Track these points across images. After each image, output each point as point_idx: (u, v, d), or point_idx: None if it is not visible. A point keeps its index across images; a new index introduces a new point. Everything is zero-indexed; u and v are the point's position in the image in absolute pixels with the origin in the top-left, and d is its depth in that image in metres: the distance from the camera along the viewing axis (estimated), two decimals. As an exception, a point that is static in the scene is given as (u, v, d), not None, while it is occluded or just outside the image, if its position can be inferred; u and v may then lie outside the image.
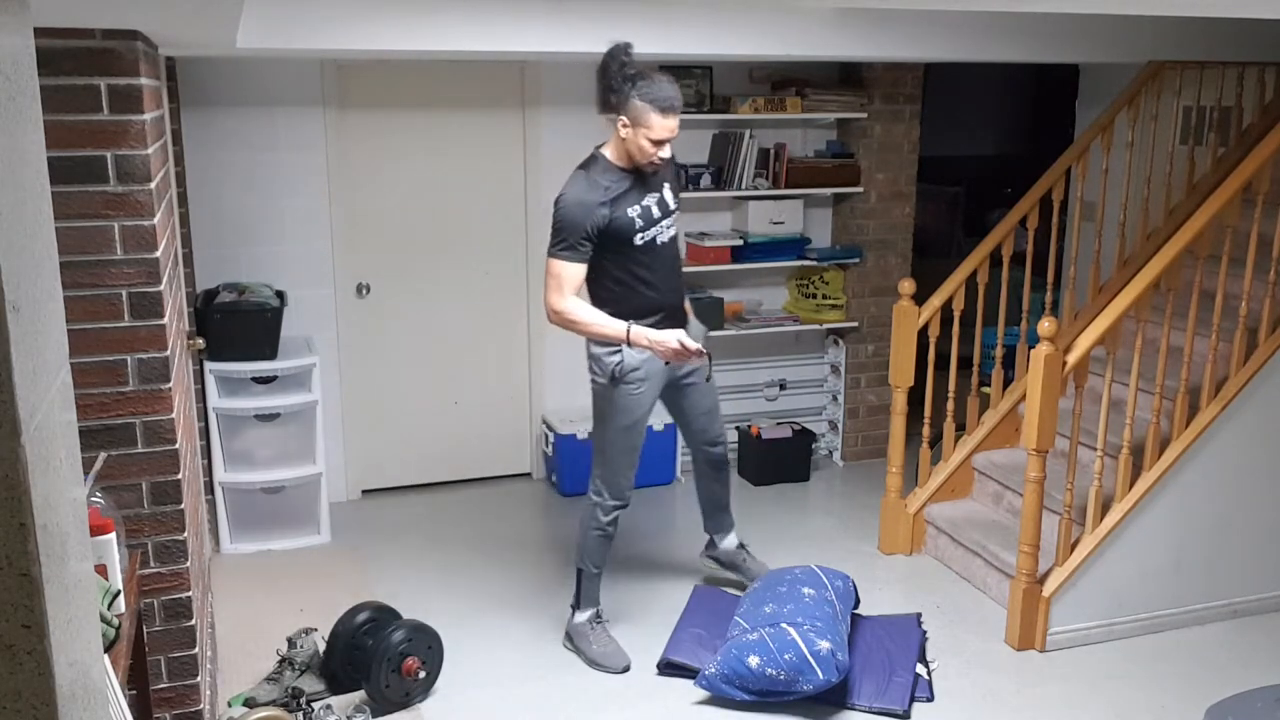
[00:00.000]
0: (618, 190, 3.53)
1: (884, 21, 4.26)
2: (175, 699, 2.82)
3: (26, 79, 0.91)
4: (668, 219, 3.67)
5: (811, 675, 3.39)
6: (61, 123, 2.38)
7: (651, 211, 3.61)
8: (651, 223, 3.61)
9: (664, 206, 3.66)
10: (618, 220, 3.52)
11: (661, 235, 3.66)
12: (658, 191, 3.65)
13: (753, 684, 3.44)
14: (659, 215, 3.63)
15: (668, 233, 3.69)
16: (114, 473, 2.60)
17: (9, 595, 0.77)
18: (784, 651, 3.42)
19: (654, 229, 3.63)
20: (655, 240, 3.64)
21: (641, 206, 3.58)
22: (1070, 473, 3.86)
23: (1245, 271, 3.95)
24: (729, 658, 3.49)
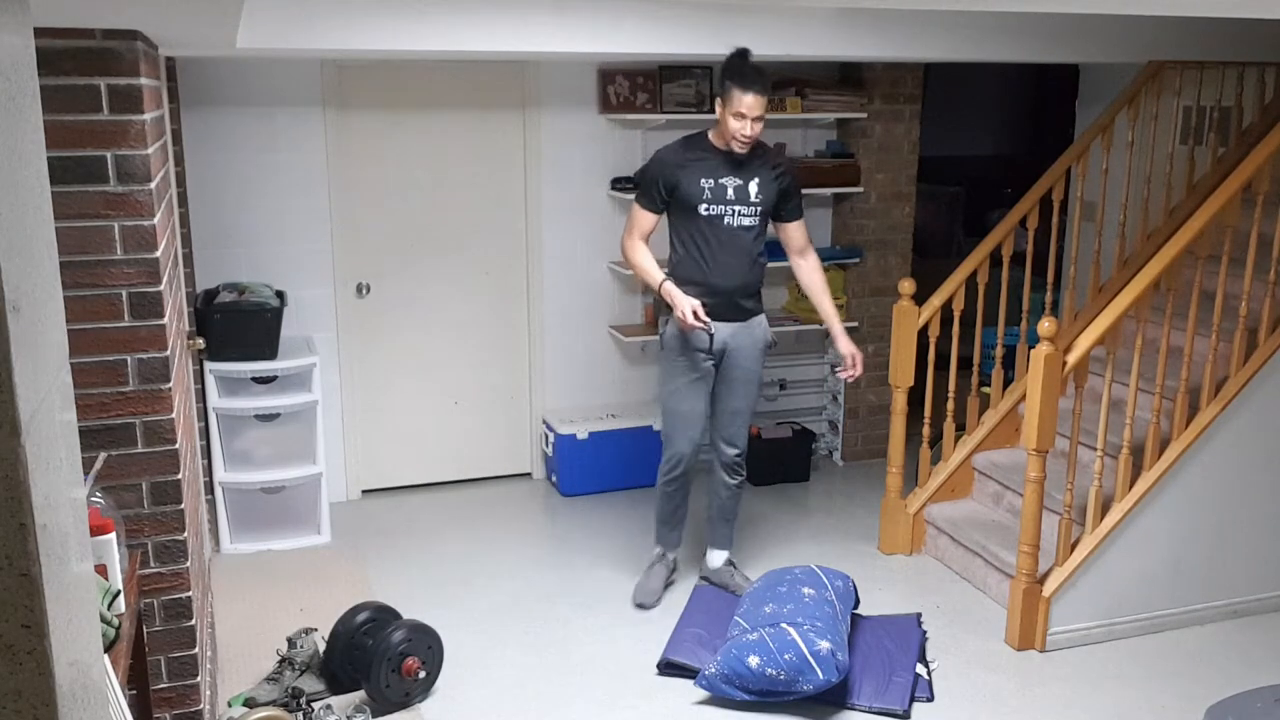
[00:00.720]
0: (699, 161, 3.86)
1: (884, 21, 4.25)
2: (175, 699, 2.82)
3: (26, 79, 0.91)
4: (744, 206, 3.87)
5: (811, 675, 3.39)
6: (61, 123, 2.38)
7: (725, 191, 3.85)
8: (721, 200, 3.85)
9: (742, 193, 3.87)
10: (686, 185, 3.85)
11: (731, 218, 3.87)
12: (743, 179, 3.87)
13: (752, 684, 3.44)
14: (733, 198, 3.86)
15: (740, 219, 3.88)
16: (114, 473, 2.60)
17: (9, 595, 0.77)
18: (784, 651, 3.41)
19: (722, 207, 3.86)
20: (723, 219, 3.87)
21: (716, 182, 3.85)
22: (1070, 473, 3.86)
23: (1245, 271, 3.95)
24: (729, 658, 3.49)
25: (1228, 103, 4.87)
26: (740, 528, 4.69)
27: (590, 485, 5.34)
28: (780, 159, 4.06)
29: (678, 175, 3.85)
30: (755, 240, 3.94)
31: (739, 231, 3.88)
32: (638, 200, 3.96)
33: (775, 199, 3.94)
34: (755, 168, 3.89)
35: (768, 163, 3.93)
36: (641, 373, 5.65)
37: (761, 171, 3.90)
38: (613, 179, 5.33)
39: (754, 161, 3.89)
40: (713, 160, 3.87)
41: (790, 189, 3.99)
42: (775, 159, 4.01)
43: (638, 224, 3.94)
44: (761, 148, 3.95)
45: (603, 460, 5.30)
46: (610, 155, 5.35)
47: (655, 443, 5.38)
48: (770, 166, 3.93)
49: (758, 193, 3.88)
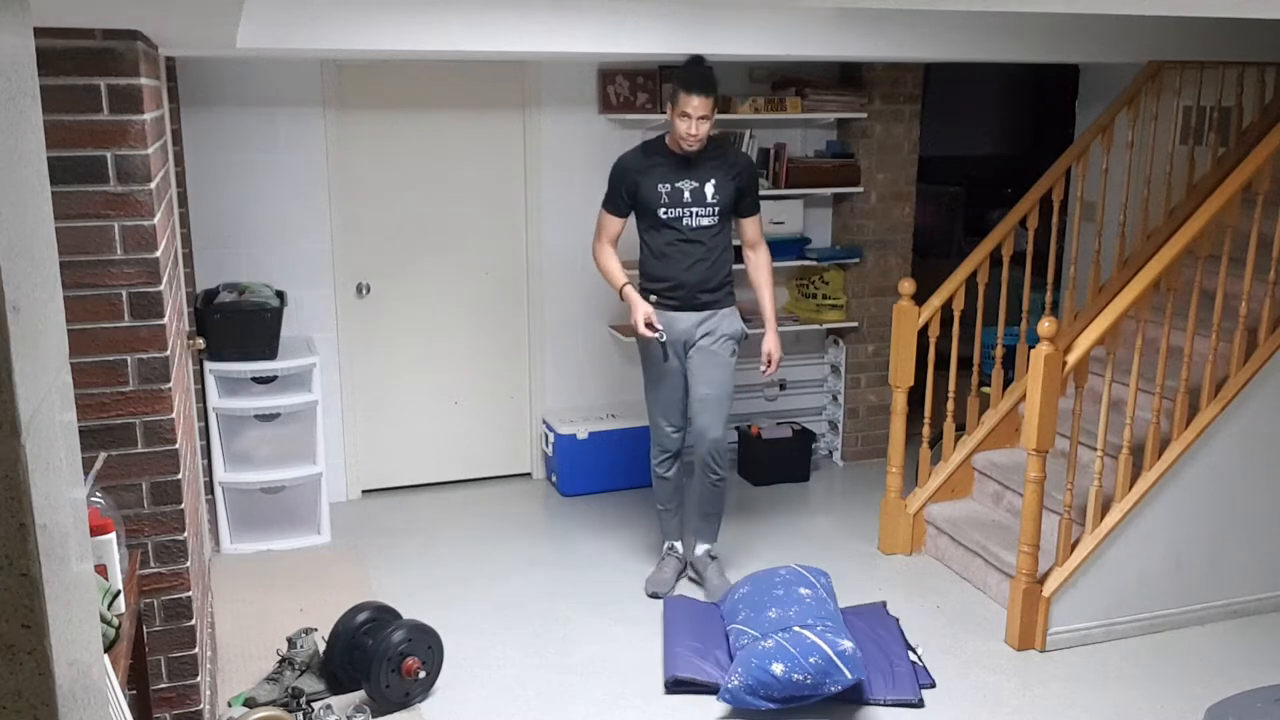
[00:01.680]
0: (655, 165, 4.02)
1: (884, 21, 4.26)
2: (175, 699, 2.82)
3: (26, 79, 0.91)
4: (700, 208, 4.00)
5: (839, 676, 3.35)
6: (61, 123, 2.38)
7: (681, 194, 4.00)
8: (678, 203, 4.00)
9: (699, 195, 4.00)
10: (645, 190, 4.01)
11: (690, 219, 4.01)
12: (699, 180, 3.99)
13: (778, 692, 3.36)
14: (690, 200, 4.00)
15: (698, 219, 4.01)
16: (114, 473, 2.60)
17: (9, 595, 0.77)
18: (808, 655, 3.36)
19: (680, 209, 4.00)
20: (681, 220, 4.01)
21: (673, 186, 4.00)
22: (1070, 473, 3.86)
23: (1245, 271, 3.95)
24: (750, 668, 3.39)
25: (1228, 103, 4.87)
26: (740, 528, 4.70)
27: (590, 485, 5.34)
28: (738, 157, 4.15)
29: (637, 180, 4.02)
30: (716, 237, 4.05)
31: (698, 231, 4.02)
32: (603, 205, 4.13)
33: (734, 196, 4.04)
34: (712, 168, 4.00)
35: (725, 161, 4.04)
36: (641, 373, 5.63)
37: (718, 172, 4.01)
38: (613, 179, 5.33)
39: (711, 161, 4.01)
40: (669, 164, 4.00)
41: (745, 187, 4.07)
42: (734, 157, 4.11)
43: (604, 228, 4.13)
44: (720, 147, 4.09)
45: (603, 460, 5.30)
46: (610, 155, 5.29)
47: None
48: (728, 165, 4.03)
49: (714, 193, 4.01)
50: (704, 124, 3.86)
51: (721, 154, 4.06)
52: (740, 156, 4.19)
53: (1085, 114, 5.53)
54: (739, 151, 4.26)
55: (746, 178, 4.08)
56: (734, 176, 4.03)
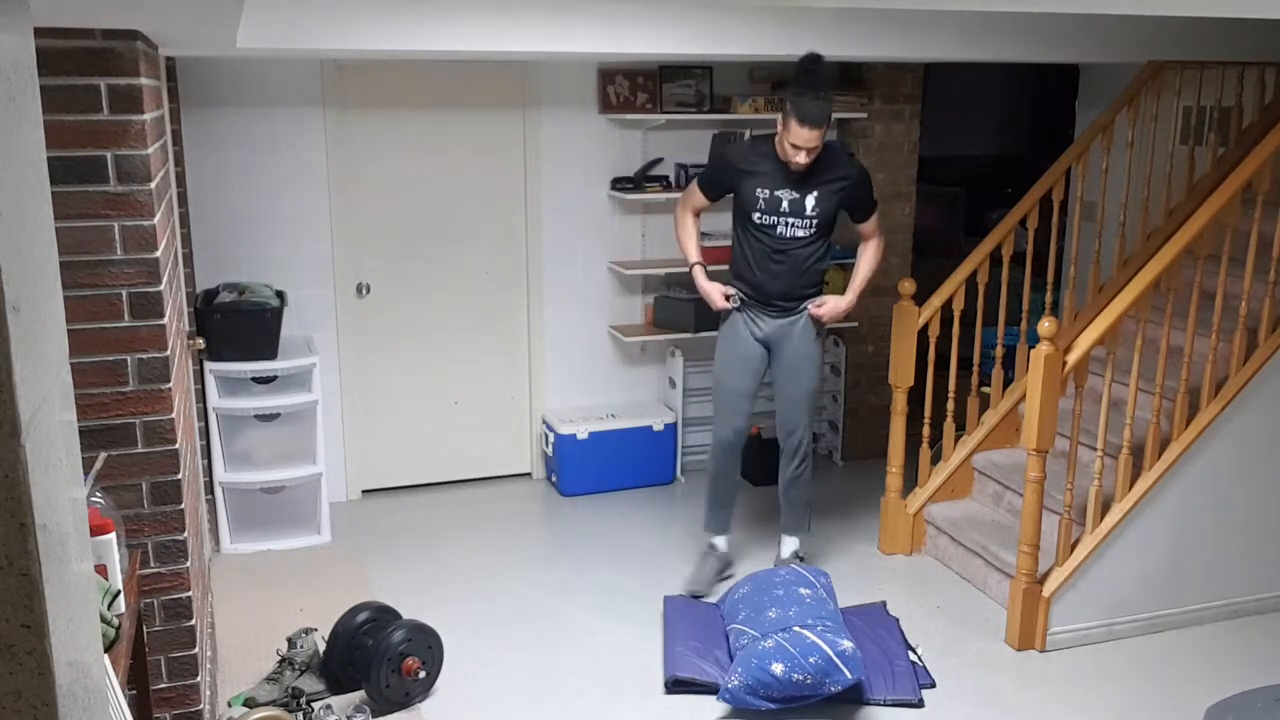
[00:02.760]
0: (759, 168, 3.95)
1: (884, 21, 4.25)
2: (175, 699, 2.82)
3: (27, 79, 0.91)
4: (797, 219, 3.93)
5: (839, 676, 3.36)
6: (62, 123, 2.38)
7: (779, 203, 3.93)
8: (774, 211, 3.94)
9: (797, 206, 3.93)
10: (744, 191, 3.96)
11: (784, 229, 3.96)
12: (801, 192, 3.92)
13: (778, 691, 3.36)
14: (787, 210, 3.93)
15: (793, 230, 3.96)
16: (114, 473, 2.60)
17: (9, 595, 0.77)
18: (808, 655, 3.36)
19: (775, 218, 3.95)
20: (775, 229, 3.96)
21: (772, 193, 3.93)
22: (1070, 473, 3.86)
23: (1245, 271, 3.96)
24: (750, 668, 3.40)
25: (1228, 103, 4.87)
26: (740, 527, 4.69)
27: (590, 485, 5.34)
28: (849, 170, 4.02)
29: (739, 180, 3.97)
30: (808, 248, 3.99)
31: (790, 241, 3.96)
32: (700, 177, 4.12)
33: (835, 209, 3.98)
34: (817, 180, 3.91)
35: (832, 173, 3.93)
36: (641, 373, 5.65)
37: (822, 184, 3.91)
38: (613, 179, 5.34)
39: (818, 173, 3.91)
40: (774, 169, 3.92)
41: (854, 197, 4.01)
42: (844, 169, 3.98)
43: (691, 197, 4.12)
44: (832, 158, 3.95)
45: (603, 460, 5.31)
46: (610, 155, 5.35)
47: (655, 442, 5.41)
48: (835, 178, 3.94)
49: (814, 206, 3.92)
50: (814, 154, 3.81)
51: (832, 165, 3.94)
52: (851, 169, 4.04)
53: (1085, 114, 5.53)
54: (851, 163, 4.10)
55: (855, 192, 4.00)
56: (839, 190, 3.95)
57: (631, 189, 5.26)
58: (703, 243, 5.29)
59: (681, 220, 4.16)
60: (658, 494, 5.37)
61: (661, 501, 5.30)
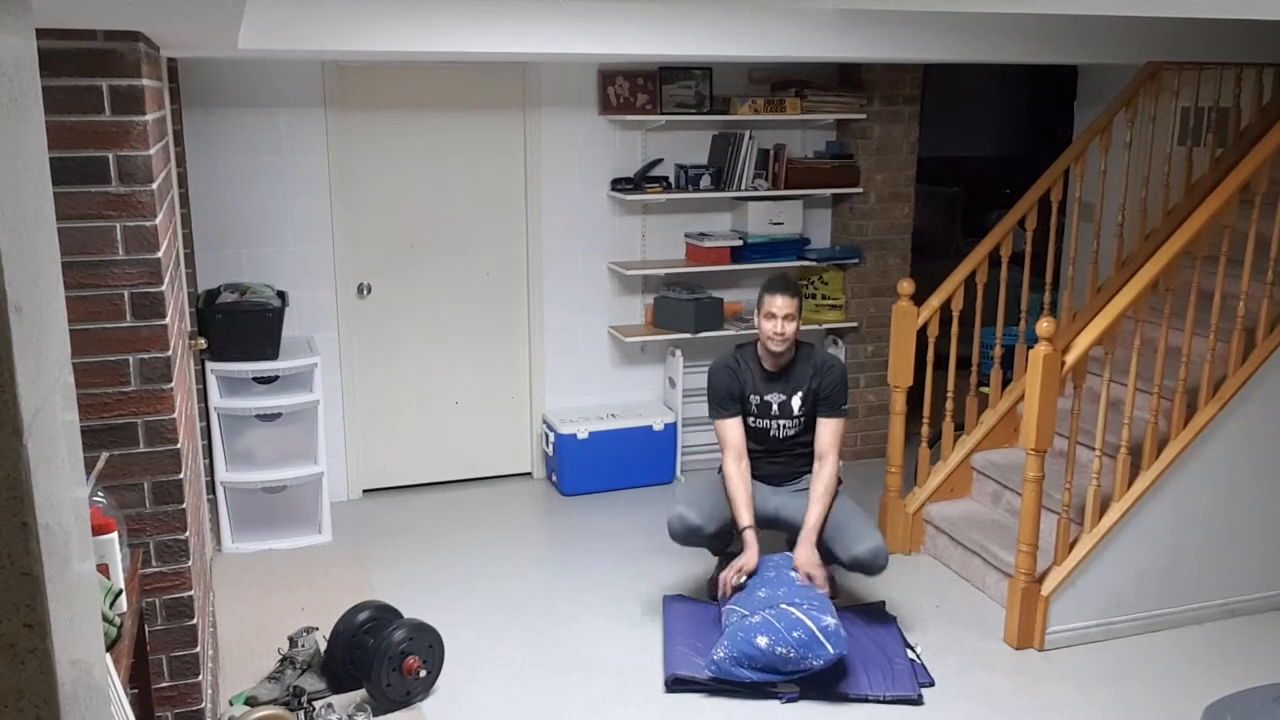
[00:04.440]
0: (750, 374, 4.03)
1: (883, 22, 4.26)
2: (177, 697, 2.83)
3: (29, 80, 0.92)
4: (788, 420, 4.03)
5: (821, 650, 3.45)
6: (63, 124, 2.39)
7: (770, 407, 4.03)
8: (766, 415, 4.04)
9: (785, 408, 4.02)
10: (743, 398, 4.03)
11: (776, 431, 4.06)
12: (787, 394, 4.02)
13: (762, 663, 3.49)
14: (777, 413, 4.03)
15: (784, 430, 4.05)
16: (116, 472, 2.61)
17: (11, 594, 0.77)
18: (792, 629, 3.47)
19: (767, 421, 4.04)
20: (769, 432, 4.06)
21: (762, 399, 4.03)
22: (1069, 472, 3.87)
23: (1243, 272, 3.96)
24: (736, 641, 3.53)
25: (1226, 104, 4.87)
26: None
27: (591, 485, 5.34)
28: (824, 361, 4.05)
29: (737, 384, 4.02)
30: (800, 442, 4.07)
31: (784, 439, 4.06)
32: (713, 416, 4.07)
33: (814, 402, 4.01)
34: (798, 379, 4.00)
35: (810, 370, 4.00)
36: (641, 373, 5.66)
37: (804, 384, 4.00)
38: (613, 180, 5.34)
39: (797, 372, 4.00)
40: (760, 375, 4.02)
41: (828, 391, 3.98)
42: (819, 362, 4.03)
43: (727, 440, 4.01)
44: (808, 357, 4.03)
45: (603, 460, 5.31)
46: (610, 156, 5.36)
47: (655, 442, 5.41)
48: (813, 374, 4.00)
49: (801, 406, 4.01)
50: (789, 324, 3.87)
51: (808, 362, 4.02)
52: (827, 360, 4.07)
53: (1084, 115, 5.53)
54: (826, 356, 4.12)
55: (829, 382, 3.99)
56: (818, 385, 3.99)
57: (631, 190, 5.26)
58: (703, 242, 5.36)
59: (731, 477, 3.96)
60: (658, 494, 5.38)
61: (661, 501, 5.29)
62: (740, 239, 5.41)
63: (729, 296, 5.57)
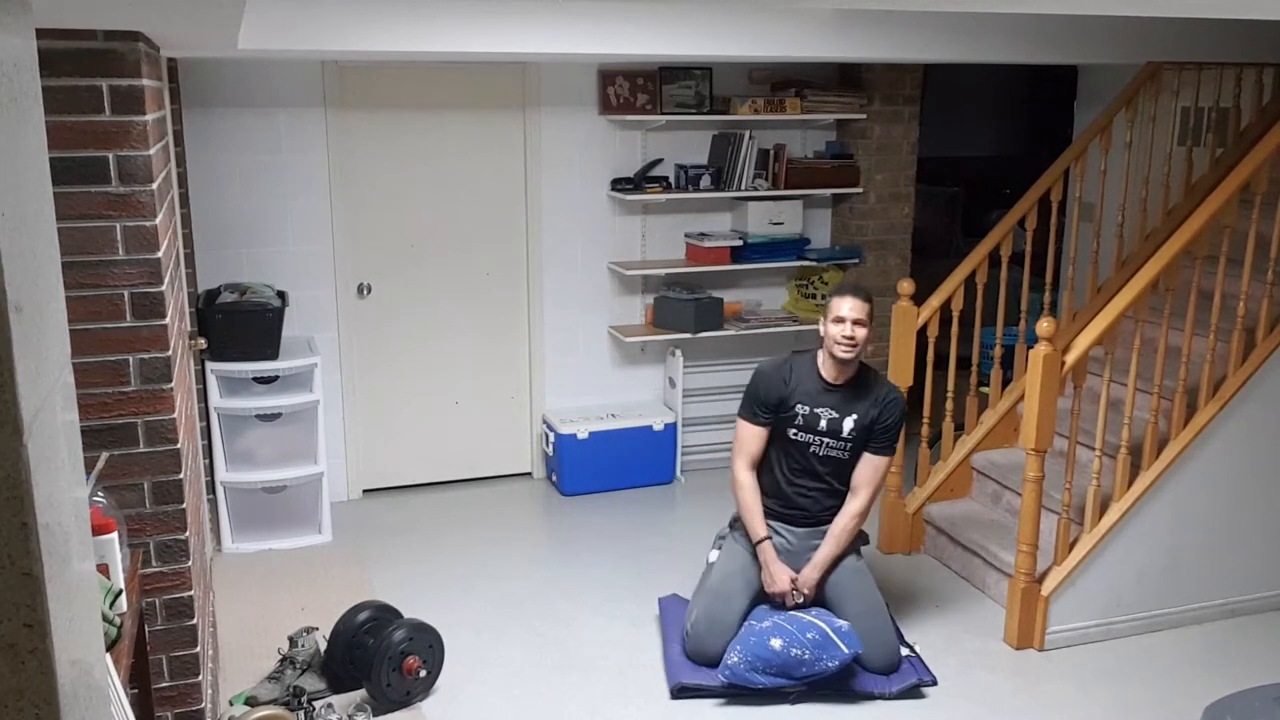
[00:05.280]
0: (801, 384, 3.72)
1: (883, 22, 4.26)
2: (177, 697, 2.83)
3: (28, 80, 0.92)
4: (834, 439, 3.70)
5: (836, 651, 3.44)
6: (63, 124, 2.39)
7: (818, 420, 3.70)
8: (812, 429, 3.71)
9: (835, 426, 3.70)
10: (785, 406, 3.72)
11: (818, 448, 3.72)
12: (840, 413, 3.70)
13: (777, 667, 3.46)
14: (824, 429, 3.70)
15: (828, 450, 3.72)
16: (116, 472, 2.61)
17: (11, 594, 0.77)
18: (805, 631, 3.46)
19: (811, 436, 3.71)
20: (809, 447, 3.72)
21: (811, 410, 3.71)
22: (1069, 472, 3.87)
23: (1243, 272, 3.96)
24: (749, 645, 3.50)
25: (1226, 103, 4.88)
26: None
27: (591, 485, 5.34)
28: (887, 393, 3.77)
29: (782, 393, 3.72)
30: (841, 469, 3.75)
31: (823, 460, 3.74)
32: (741, 414, 3.80)
33: (868, 432, 3.72)
34: (856, 401, 3.70)
35: (872, 395, 3.72)
36: (641, 373, 5.66)
37: (861, 406, 3.71)
38: (613, 180, 5.34)
39: (857, 393, 3.71)
40: (815, 387, 3.72)
41: (884, 423, 3.70)
42: (881, 392, 3.75)
43: (744, 444, 3.77)
44: (874, 380, 3.78)
45: (603, 460, 5.31)
46: (610, 156, 5.36)
47: (655, 442, 5.41)
48: (873, 399, 3.72)
49: (852, 429, 3.70)
50: (860, 328, 3.60)
51: (869, 386, 3.74)
52: (892, 392, 3.79)
53: (1084, 115, 5.53)
54: (892, 388, 3.84)
55: (892, 413, 3.71)
56: (877, 413, 3.70)
57: (631, 190, 5.26)
58: (703, 242, 5.36)
59: (739, 482, 3.76)
60: (658, 494, 5.38)
61: (661, 501, 5.30)
62: (740, 239, 5.41)
63: (729, 296, 5.57)
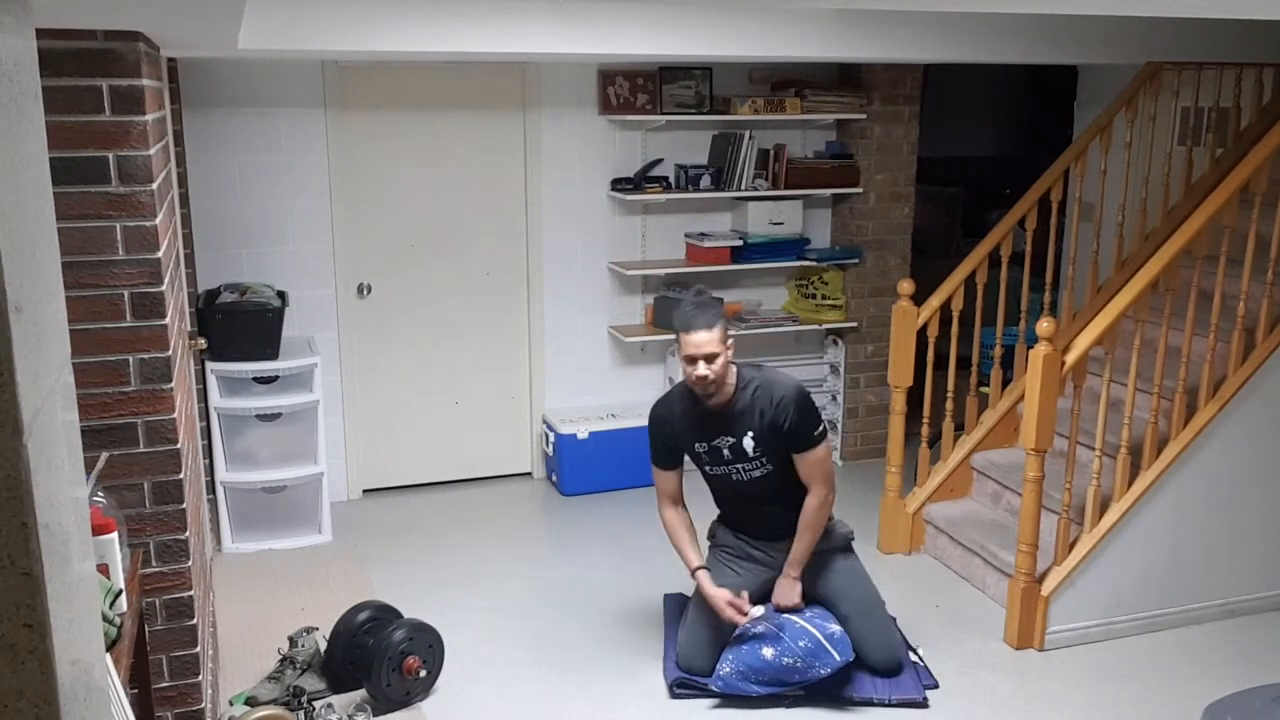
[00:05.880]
0: (688, 421, 3.58)
1: (883, 22, 4.26)
2: (177, 697, 2.83)
3: (29, 80, 0.92)
4: (745, 463, 3.53)
5: (828, 658, 3.43)
6: (63, 124, 2.39)
7: (720, 452, 3.55)
8: (719, 461, 3.57)
9: (738, 450, 3.51)
10: (684, 449, 3.65)
11: (739, 475, 3.57)
12: (736, 434, 3.50)
13: (769, 675, 3.45)
14: (730, 458, 3.54)
15: (749, 474, 3.56)
16: (116, 472, 2.61)
17: (11, 594, 0.77)
18: (797, 639, 3.45)
19: (725, 468, 3.58)
20: (731, 477, 3.59)
21: (709, 445, 3.55)
22: (1069, 472, 3.87)
23: (1243, 272, 3.96)
24: (740, 654, 3.49)
25: (1226, 103, 4.87)
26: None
27: (591, 485, 5.34)
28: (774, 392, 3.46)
29: (674, 438, 3.61)
30: (777, 480, 3.54)
31: (753, 483, 3.56)
32: (652, 461, 3.69)
33: (779, 439, 3.48)
34: (745, 418, 3.46)
35: (759, 404, 3.44)
36: (641, 373, 5.66)
37: (754, 420, 3.45)
38: (613, 180, 5.34)
39: (739, 409, 3.46)
40: (701, 418, 3.51)
41: (789, 425, 3.43)
42: (769, 394, 3.45)
43: (660, 488, 3.66)
44: (757, 388, 3.47)
45: (603, 460, 5.31)
46: (610, 156, 5.36)
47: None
48: (763, 408, 3.44)
49: (755, 446, 3.47)
50: (714, 363, 3.33)
51: (753, 397, 3.46)
52: (776, 389, 3.46)
53: (1084, 115, 5.53)
54: (775, 384, 3.49)
55: (787, 414, 3.42)
56: (772, 419, 3.43)
57: (631, 190, 5.27)
58: (703, 242, 5.36)
59: (666, 522, 3.65)
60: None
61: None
62: (740, 239, 5.41)
63: (729, 296, 5.57)
